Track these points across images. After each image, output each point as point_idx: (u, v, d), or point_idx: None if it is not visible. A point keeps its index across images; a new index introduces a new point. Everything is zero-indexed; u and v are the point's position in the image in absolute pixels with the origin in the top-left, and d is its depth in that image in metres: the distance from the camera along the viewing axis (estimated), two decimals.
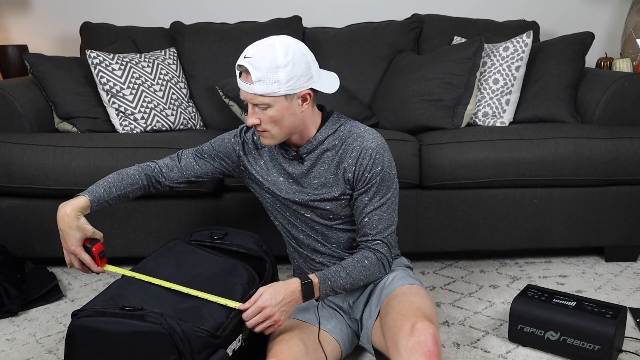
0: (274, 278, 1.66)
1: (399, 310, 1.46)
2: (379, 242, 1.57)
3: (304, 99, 1.50)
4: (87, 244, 1.53)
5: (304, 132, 1.56)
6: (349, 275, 1.52)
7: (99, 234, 1.56)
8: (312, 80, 1.49)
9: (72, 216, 1.50)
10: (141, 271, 1.51)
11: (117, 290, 1.42)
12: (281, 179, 1.63)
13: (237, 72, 1.48)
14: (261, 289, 1.43)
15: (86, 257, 1.53)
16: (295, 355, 1.41)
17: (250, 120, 1.49)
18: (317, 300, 1.50)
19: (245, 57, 1.45)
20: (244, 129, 1.71)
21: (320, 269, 1.66)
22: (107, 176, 1.64)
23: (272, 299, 1.41)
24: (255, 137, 1.68)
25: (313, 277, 1.48)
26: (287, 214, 1.66)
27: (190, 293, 1.42)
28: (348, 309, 1.67)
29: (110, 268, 1.56)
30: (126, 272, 1.51)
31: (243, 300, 1.46)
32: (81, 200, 1.54)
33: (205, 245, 1.67)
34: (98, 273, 1.56)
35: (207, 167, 1.72)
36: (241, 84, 1.47)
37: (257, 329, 1.43)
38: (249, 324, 1.42)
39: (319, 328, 1.52)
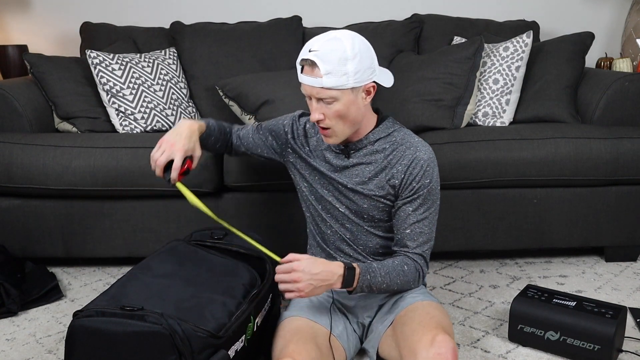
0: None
1: (420, 322, 1.44)
2: (418, 255, 1.55)
3: (368, 92, 1.49)
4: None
5: (359, 130, 1.55)
6: (387, 275, 1.51)
7: (196, 157, 1.64)
8: (375, 73, 1.49)
9: (194, 130, 1.62)
10: (144, 269, 1.51)
11: (119, 288, 1.42)
12: (323, 169, 1.63)
13: (300, 67, 1.47)
14: (305, 255, 1.44)
15: (179, 162, 1.57)
16: (311, 357, 1.40)
17: (315, 115, 1.47)
18: (350, 292, 1.49)
19: (310, 51, 1.42)
20: (301, 114, 1.72)
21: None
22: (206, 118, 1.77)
23: (308, 268, 1.40)
24: (308, 125, 1.68)
25: (356, 266, 1.47)
26: (320, 207, 1.65)
27: (237, 233, 1.56)
28: (357, 311, 1.65)
29: (181, 187, 1.58)
30: (191, 197, 1.54)
31: (245, 297, 1.47)
32: (202, 125, 1.67)
33: (205, 245, 1.67)
34: (171, 183, 1.58)
35: (259, 141, 1.76)
36: (305, 78, 1.45)
37: (280, 287, 1.43)
38: (276, 277, 1.43)
39: (330, 332, 1.52)
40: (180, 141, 1.57)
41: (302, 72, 1.46)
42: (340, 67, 1.41)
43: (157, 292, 1.41)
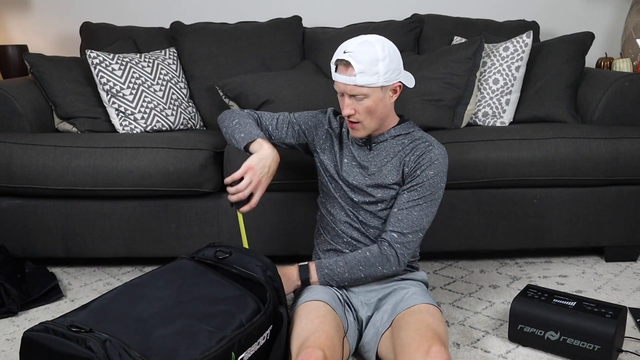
0: (276, 308, 1.54)
1: (417, 329, 1.45)
2: (394, 234, 1.61)
3: (394, 91, 1.63)
4: None
5: (383, 126, 1.68)
6: (346, 264, 1.63)
7: None
8: (401, 74, 1.63)
9: (278, 162, 1.69)
10: (139, 286, 1.46)
11: (101, 310, 1.36)
12: (345, 160, 1.73)
13: (334, 67, 1.60)
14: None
15: (257, 200, 1.65)
16: (334, 349, 1.42)
17: (347, 110, 1.60)
18: (314, 282, 1.64)
19: (345, 52, 1.56)
20: (333, 110, 1.83)
21: (348, 241, 1.72)
22: (245, 120, 1.76)
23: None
24: (334, 123, 1.79)
25: (310, 263, 1.67)
26: (336, 194, 1.74)
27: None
28: (358, 306, 1.68)
29: (240, 217, 1.69)
30: (242, 225, 1.69)
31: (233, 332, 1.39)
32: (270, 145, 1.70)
33: (207, 263, 1.60)
34: (236, 210, 1.68)
35: (291, 132, 1.84)
36: (339, 77, 1.58)
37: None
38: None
39: (345, 334, 1.54)
40: (266, 180, 1.66)
41: (336, 71, 1.60)
42: (372, 67, 1.55)
43: (139, 314, 1.34)
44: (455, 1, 3.19)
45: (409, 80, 1.67)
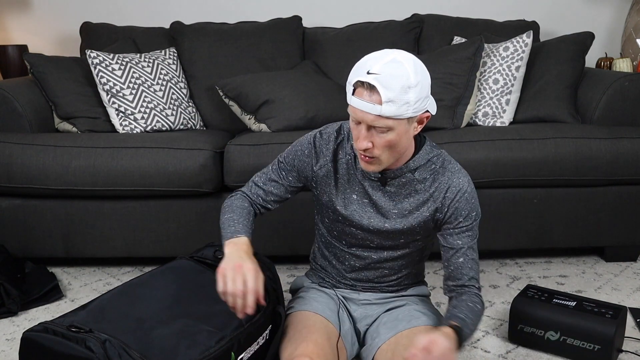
0: (274, 307, 1.53)
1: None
2: (477, 287, 1.49)
3: (420, 121, 1.36)
4: None
5: (400, 159, 1.42)
6: (473, 323, 1.41)
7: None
8: (429, 100, 1.35)
9: (248, 251, 1.39)
10: (138, 286, 1.45)
11: (100, 310, 1.35)
12: (354, 196, 1.50)
13: (351, 89, 1.30)
14: (433, 336, 1.25)
15: (256, 282, 1.34)
16: (326, 356, 1.38)
17: (363, 143, 1.31)
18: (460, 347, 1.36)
19: (369, 73, 1.27)
20: (317, 136, 1.52)
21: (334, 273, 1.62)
22: (228, 216, 1.49)
23: (444, 344, 1.24)
24: (333, 145, 1.51)
25: (457, 325, 1.35)
26: (343, 239, 1.56)
27: None
28: (357, 318, 1.64)
29: None
30: None
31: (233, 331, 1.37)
32: (246, 242, 1.43)
33: (206, 263, 1.59)
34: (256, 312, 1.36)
35: (281, 189, 1.57)
36: (358, 102, 1.28)
37: None
38: None
39: (339, 336, 1.50)
40: (260, 279, 1.34)
41: (354, 94, 1.30)
42: (402, 95, 1.26)
43: (137, 317, 1.34)
44: (455, 1, 3.19)
45: (433, 107, 1.38)
